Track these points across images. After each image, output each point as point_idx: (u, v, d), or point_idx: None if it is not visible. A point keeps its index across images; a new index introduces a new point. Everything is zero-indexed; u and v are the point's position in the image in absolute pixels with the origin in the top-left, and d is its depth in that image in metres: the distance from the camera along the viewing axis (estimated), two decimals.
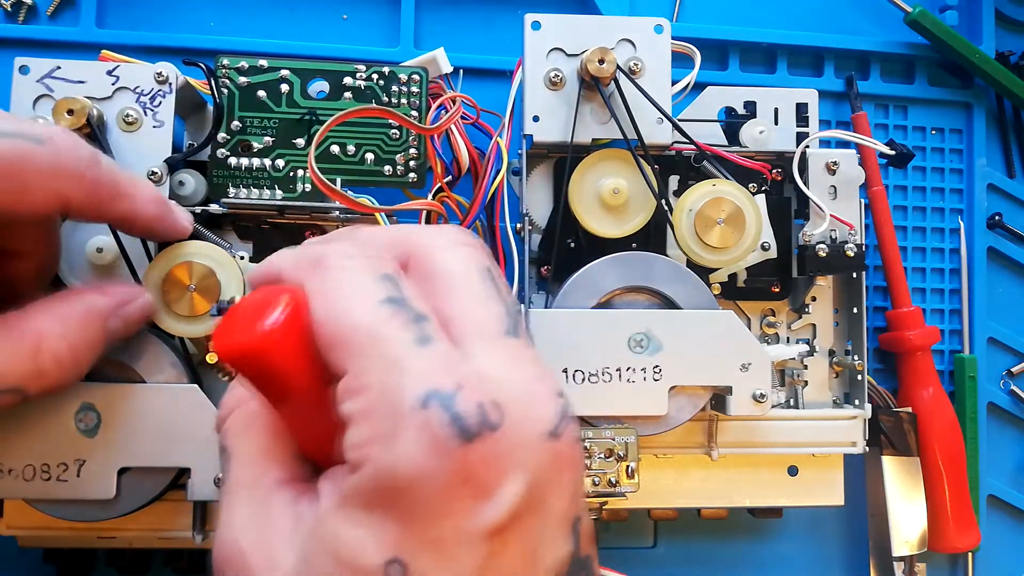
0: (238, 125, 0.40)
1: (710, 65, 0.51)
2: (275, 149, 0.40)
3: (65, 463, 0.34)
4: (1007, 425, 0.53)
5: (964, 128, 0.54)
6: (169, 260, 0.36)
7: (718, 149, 0.42)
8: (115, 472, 0.35)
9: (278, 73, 0.40)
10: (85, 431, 0.34)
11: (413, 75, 0.41)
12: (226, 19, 0.48)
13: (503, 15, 0.50)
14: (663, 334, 0.39)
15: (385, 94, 0.41)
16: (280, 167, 0.40)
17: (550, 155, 0.42)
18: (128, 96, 0.38)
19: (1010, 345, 0.53)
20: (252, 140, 0.40)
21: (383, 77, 0.41)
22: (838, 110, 0.52)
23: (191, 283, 0.36)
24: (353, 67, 0.41)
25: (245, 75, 0.40)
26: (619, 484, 0.37)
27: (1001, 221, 0.53)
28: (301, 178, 0.40)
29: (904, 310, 0.50)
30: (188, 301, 0.36)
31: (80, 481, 0.34)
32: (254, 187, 0.40)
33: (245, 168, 0.40)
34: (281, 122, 0.40)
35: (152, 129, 0.38)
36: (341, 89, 0.41)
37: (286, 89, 0.40)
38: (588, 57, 0.39)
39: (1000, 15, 0.54)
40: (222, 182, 0.40)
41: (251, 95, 0.40)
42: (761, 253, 0.43)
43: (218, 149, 0.40)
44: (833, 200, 0.43)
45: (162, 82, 0.38)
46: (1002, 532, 0.52)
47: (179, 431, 0.35)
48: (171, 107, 0.38)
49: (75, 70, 0.38)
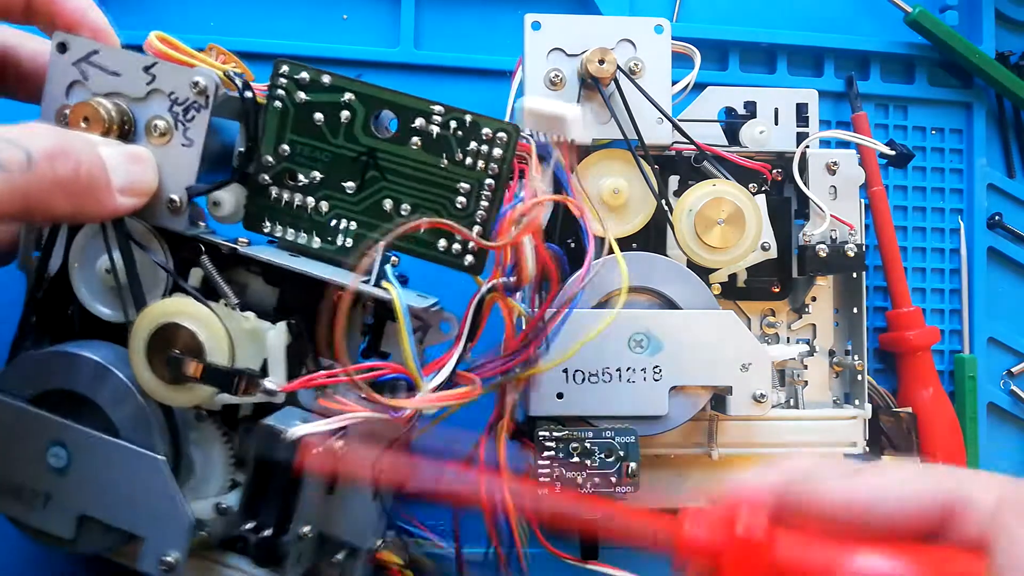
0: (286, 150, 0.34)
1: (710, 65, 0.51)
2: (321, 188, 0.34)
3: (36, 492, 0.33)
4: (1007, 425, 0.53)
5: (964, 128, 0.54)
6: (152, 319, 0.32)
7: (718, 149, 0.42)
8: (75, 517, 0.33)
9: (341, 95, 0.33)
10: (56, 468, 0.33)
11: (500, 132, 0.33)
12: (226, 19, 0.48)
13: (503, 15, 0.50)
14: (663, 334, 0.39)
15: (460, 149, 0.33)
16: (323, 211, 0.34)
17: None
18: (162, 101, 0.32)
19: (1010, 345, 0.53)
20: (299, 171, 0.34)
21: (462, 126, 0.33)
22: (838, 110, 0.52)
23: (176, 348, 0.32)
24: (429, 106, 0.33)
25: (304, 90, 0.33)
26: (619, 484, 0.37)
27: (1001, 221, 0.53)
28: (344, 229, 0.34)
29: (904, 310, 0.50)
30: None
31: (44, 514, 0.33)
32: (291, 227, 0.34)
33: (285, 203, 0.34)
34: (334, 157, 0.34)
35: (180, 148, 0.33)
36: (409, 131, 0.34)
37: (347, 117, 0.33)
38: (588, 57, 0.39)
39: (1000, 15, 0.54)
40: (258, 212, 0.34)
41: (307, 116, 0.34)
42: (761, 253, 0.43)
43: (261, 173, 0.34)
44: (833, 200, 0.43)
45: (199, 93, 0.32)
46: None
47: (137, 497, 0.32)
48: (204, 124, 0.32)
49: (113, 58, 0.32)
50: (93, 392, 0.33)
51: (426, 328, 0.35)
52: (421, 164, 0.34)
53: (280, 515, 0.32)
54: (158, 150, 0.33)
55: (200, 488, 0.35)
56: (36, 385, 0.33)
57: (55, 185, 0.28)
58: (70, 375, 0.33)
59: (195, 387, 0.32)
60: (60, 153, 0.28)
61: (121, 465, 0.33)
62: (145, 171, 0.32)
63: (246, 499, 0.33)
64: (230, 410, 0.35)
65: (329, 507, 0.34)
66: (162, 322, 0.32)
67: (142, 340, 0.32)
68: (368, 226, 0.34)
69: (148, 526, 0.32)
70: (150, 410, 0.33)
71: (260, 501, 0.32)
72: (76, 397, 0.33)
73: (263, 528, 0.32)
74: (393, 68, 0.48)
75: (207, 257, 0.34)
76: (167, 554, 0.32)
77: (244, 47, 0.46)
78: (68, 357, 0.33)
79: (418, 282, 0.39)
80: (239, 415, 0.35)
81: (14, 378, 0.34)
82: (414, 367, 0.31)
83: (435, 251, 0.34)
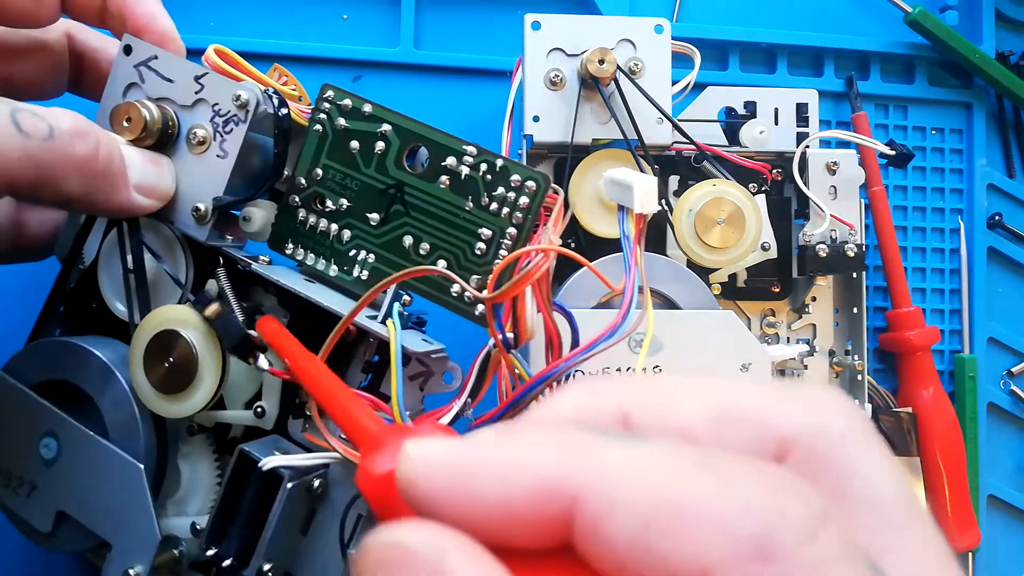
0: (319, 174, 0.34)
1: (710, 65, 0.51)
2: (347, 216, 0.34)
3: (23, 479, 0.33)
4: (1007, 425, 0.53)
5: (964, 128, 0.54)
6: (156, 323, 0.33)
7: (718, 149, 0.42)
8: (54, 511, 0.33)
9: (379, 126, 0.33)
10: (45, 459, 0.33)
11: (530, 180, 0.32)
12: (226, 19, 0.48)
13: (503, 15, 0.50)
14: (663, 334, 0.39)
15: (487, 193, 0.33)
16: (344, 239, 0.34)
17: (550, 155, 0.42)
18: (206, 111, 0.33)
19: (1010, 345, 0.53)
20: (328, 196, 0.34)
21: (492, 170, 0.33)
22: (838, 110, 0.52)
23: (171, 356, 0.32)
24: (462, 146, 0.33)
25: (345, 116, 0.33)
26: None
27: (1001, 221, 0.53)
28: (362, 261, 0.34)
29: (904, 310, 0.50)
30: (165, 375, 0.32)
31: (27, 502, 0.33)
32: (311, 252, 0.34)
33: (310, 227, 0.34)
34: (363, 186, 0.34)
35: (214, 158, 0.33)
36: (439, 170, 0.33)
37: (381, 148, 0.33)
38: (588, 57, 0.39)
39: (1000, 15, 0.54)
40: (284, 233, 0.34)
41: (344, 143, 0.34)
42: (761, 253, 0.43)
43: (292, 195, 0.34)
44: (833, 200, 0.43)
45: (240, 107, 0.32)
46: (1002, 532, 0.52)
47: (114, 503, 0.32)
48: (240, 137, 0.32)
49: (169, 65, 0.33)
50: (93, 389, 0.33)
51: (428, 375, 0.34)
52: (446, 204, 0.33)
53: (242, 545, 0.31)
54: (193, 158, 0.33)
55: (183, 504, 0.35)
56: (43, 373, 0.34)
57: (70, 161, 0.29)
58: (76, 368, 0.33)
59: (186, 398, 0.32)
60: (80, 133, 0.29)
61: (103, 467, 0.32)
62: (162, 174, 0.33)
63: (212, 523, 0.31)
64: (222, 430, 0.35)
65: (298, 547, 0.32)
66: (163, 328, 0.32)
67: (142, 343, 0.32)
68: (386, 261, 0.34)
69: (118, 534, 0.32)
70: (141, 417, 0.33)
71: (227, 527, 0.31)
72: (78, 391, 0.33)
73: (224, 557, 0.31)
74: (393, 68, 0.48)
75: (223, 270, 0.33)
76: (132, 566, 0.32)
77: (244, 47, 0.46)
78: (79, 350, 0.33)
79: (438, 327, 0.37)
80: (229, 436, 0.35)
81: (25, 363, 0.34)
82: (398, 412, 0.29)
83: (448, 297, 0.33)
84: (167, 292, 0.34)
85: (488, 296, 0.29)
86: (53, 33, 0.36)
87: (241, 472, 0.31)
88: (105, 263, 0.35)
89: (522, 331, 0.30)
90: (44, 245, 0.37)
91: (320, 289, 0.33)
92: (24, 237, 0.37)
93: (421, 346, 0.33)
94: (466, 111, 0.39)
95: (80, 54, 0.37)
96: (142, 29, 0.34)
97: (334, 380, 0.29)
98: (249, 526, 0.31)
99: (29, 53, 0.36)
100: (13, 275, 0.40)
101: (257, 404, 0.33)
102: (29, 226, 0.37)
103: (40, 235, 0.37)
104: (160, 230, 0.34)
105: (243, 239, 0.36)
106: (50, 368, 0.34)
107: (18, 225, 0.36)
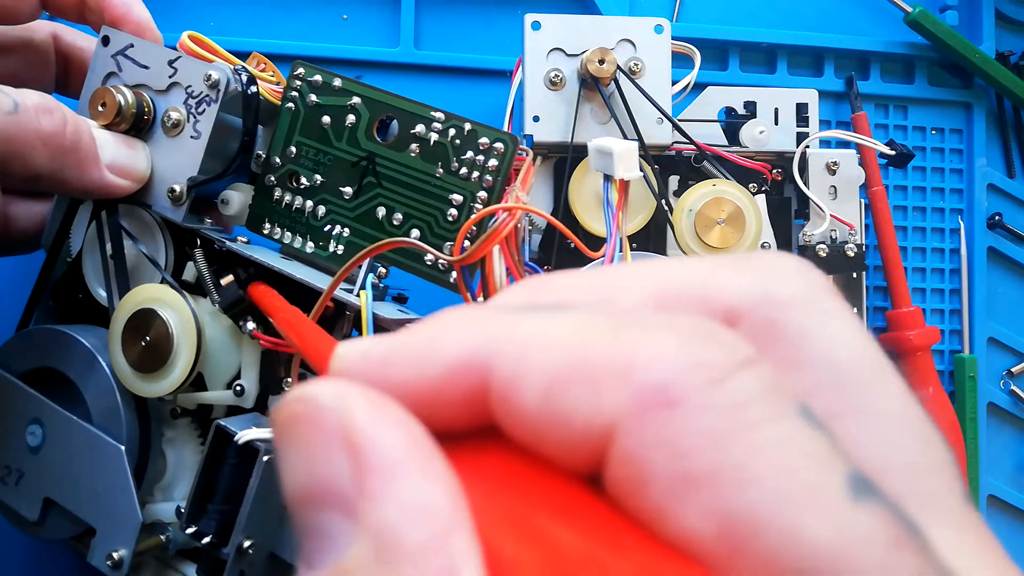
0: (293, 151, 0.34)
1: (710, 65, 0.51)
2: (321, 192, 0.34)
3: (11, 468, 0.33)
4: (1007, 425, 0.53)
5: (964, 128, 0.54)
6: (133, 303, 0.33)
7: (718, 149, 0.42)
8: (41, 499, 0.33)
9: (349, 99, 0.34)
10: (31, 446, 0.33)
11: (498, 142, 0.33)
12: (226, 19, 0.48)
13: (503, 15, 0.50)
14: None
15: (456, 158, 0.33)
16: (319, 215, 0.34)
17: (550, 155, 0.42)
18: (180, 94, 0.33)
19: (1010, 345, 0.53)
20: (302, 173, 0.34)
21: (461, 135, 0.33)
22: (838, 110, 0.52)
23: (147, 336, 0.32)
24: (430, 112, 0.33)
25: (316, 92, 0.34)
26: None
27: (1001, 221, 0.53)
28: (336, 236, 0.34)
29: (904, 310, 0.50)
30: (142, 353, 0.32)
31: (15, 491, 0.33)
32: (288, 230, 0.34)
33: (286, 205, 0.34)
34: (335, 161, 0.34)
35: (188, 140, 0.33)
36: (409, 138, 0.33)
37: (351, 121, 0.34)
38: (588, 57, 0.39)
39: (1000, 15, 0.54)
40: (261, 213, 0.35)
41: (316, 118, 0.34)
42: None
43: (268, 174, 0.34)
44: (833, 200, 0.43)
45: (211, 87, 0.33)
46: (1002, 532, 0.52)
47: (97, 487, 0.32)
48: (212, 117, 0.33)
49: (144, 52, 0.34)
50: (78, 375, 0.33)
51: None
52: (417, 172, 0.33)
53: (222, 522, 0.31)
54: (168, 141, 0.33)
55: (169, 490, 0.34)
56: (30, 361, 0.34)
57: (37, 135, 0.29)
58: (61, 356, 0.33)
59: (163, 377, 0.32)
60: (46, 108, 0.29)
61: (86, 451, 0.32)
62: (136, 156, 0.33)
63: (191, 501, 0.31)
64: (206, 413, 0.35)
65: (281, 526, 0.32)
66: (140, 307, 0.32)
67: (120, 323, 0.33)
68: (360, 234, 0.34)
69: (102, 519, 0.32)
70: (122, 400, 0.33)
71: (206, 505, 0.31)
72: (64, 379, 0.33)
73: (204, 534, 0.30)
74: (393, 68, 0.48)
75: (200, 251, 0.33)
76: (115, 549, 0.32)
77: (244, 47, 0.46)
78: (64, 338, 0.33)
79: (420, 303, 0.37)
80: (212, 419, 0.35)
81: (12, 352, 0.34)
82: None
83: (423, 266, 0.33)
84: (148, 276, 0.34)
85: (455, 259, 0.29)
86: (39, 33, 0.37)
87: (218, 448, 0.31)
88: (89, 251, 0.35)
89: (491, 291, 0.29)
90: (32, 238, 0.37)
91: (298, 267, 0.34)
92: (11, 230, 0.37)
93: (395, 315, 0.33)
94: (466, 111, 0.39)
95: (67, 55, 0.38)
96: (119, 20, 0.35)
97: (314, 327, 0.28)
98: (228, 502, 0.31)
99: (14, 49, 0.36)
100: (1, 267, 0.40)
101: (236, 383, 0.33)
102: (16, 219, 0.37)
103: (27, 228, 0.37)
104: (139, 215, 0.34)
105: (225, 225, 0.36)
106: (37, 356, 0.34)
107: (5, 218, 0.37)
